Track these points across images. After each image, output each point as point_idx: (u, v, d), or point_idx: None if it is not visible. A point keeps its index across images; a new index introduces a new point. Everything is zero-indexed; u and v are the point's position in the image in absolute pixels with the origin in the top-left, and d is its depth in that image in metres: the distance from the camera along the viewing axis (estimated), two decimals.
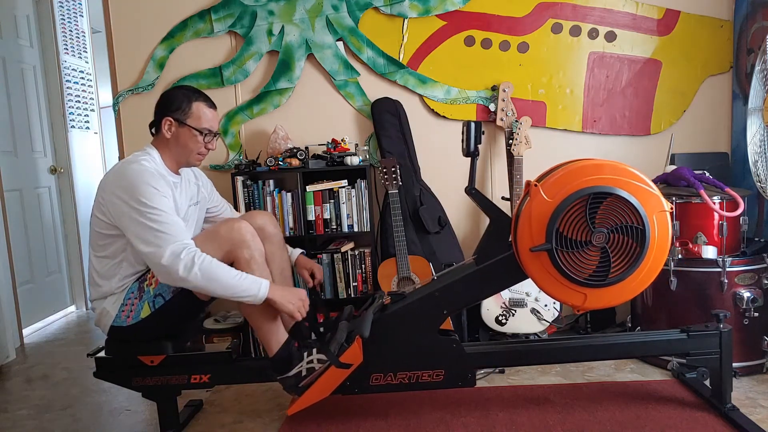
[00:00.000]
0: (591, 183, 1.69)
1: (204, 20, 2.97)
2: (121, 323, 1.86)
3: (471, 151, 1.98)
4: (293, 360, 1.88)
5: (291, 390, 1.91)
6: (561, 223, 1.70)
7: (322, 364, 1.87)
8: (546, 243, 1.70)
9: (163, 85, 3.03)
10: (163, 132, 1.91)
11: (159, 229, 1.72)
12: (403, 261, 2.64)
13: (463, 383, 1.95)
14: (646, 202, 1.69)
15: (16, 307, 3.27)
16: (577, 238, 1.71)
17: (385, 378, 1.95)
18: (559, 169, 1.75)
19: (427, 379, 1.94)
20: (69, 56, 3.99)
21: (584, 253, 1.71)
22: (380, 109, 2.90)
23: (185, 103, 1.90)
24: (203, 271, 1.71)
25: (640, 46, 2.86)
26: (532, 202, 1.73)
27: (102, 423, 2.25)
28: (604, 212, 1.69)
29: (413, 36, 2.91)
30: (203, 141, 1.93)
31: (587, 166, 1.72)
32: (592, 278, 1.72)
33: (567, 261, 1.71)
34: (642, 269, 1.71)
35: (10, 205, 3.36)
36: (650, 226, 1.68)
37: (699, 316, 2.22)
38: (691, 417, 1.95)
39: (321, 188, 2.76)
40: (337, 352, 1.86)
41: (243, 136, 3.05)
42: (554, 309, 2.62)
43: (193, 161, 1.97)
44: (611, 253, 1.71)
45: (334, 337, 1.87)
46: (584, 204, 1.69)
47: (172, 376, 1.96)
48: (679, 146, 2.87)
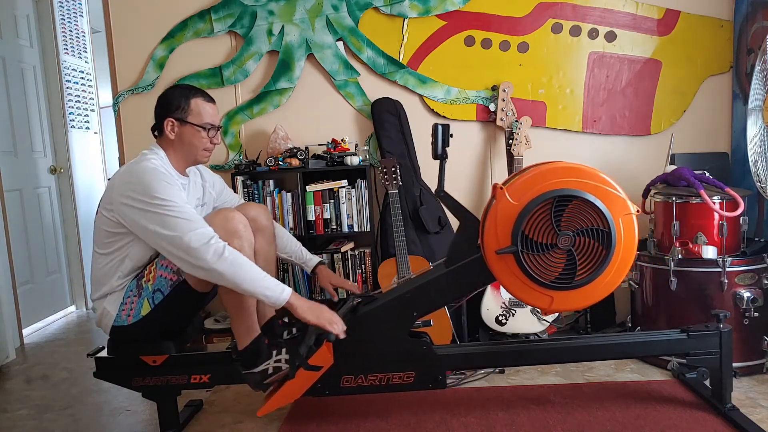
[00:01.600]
0: (556, 186, 1.69)
1: (204, 20, 2.97)
2: (122, 323, 1.86)
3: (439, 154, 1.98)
4: (261, 356, 1.87)
5: (256, 386, 1.89)
6: (526, 225, 1.70)
7: (289, 365, 1.86)
8: (511, 245, 1.71)
9: (163, 85, 3.03)
10: (166, 134, 1.90)
11: (181, 217, 1.72)
12: (403, 261, 2.64)
13: (434, 385, 1.94)
14: (612, 205, 1.69)
15: (16, 307, 3.27)
16: (543, 240, 1.71)
17: (356, 380, 1.94)
18: (525, 172, 1.76)
19: (397, 381, 1.94)
20: (69, 56, 3.99)
21: (550, 255, 1.72)
22: (380, 109, 2.90)
23: (184, 101, 1.90)
24: (232, 259, 1.70)
25: (640, 46, 2.86)
26: (498, 205, 1.74)
27: (102, 423, 2.25)
28: (570, 215, 1.70)
29: (413, 36, 2.91)
30: (208, 136, 1.93)
31: (552, 169, 1.72)
32: (558, 281, 1.72)
33: (533, 263, 1.72)
34: (608, 272, 1.71)
35: (10, 205, 3.36)
36: (616, 229, 1.69)
37: (699, 316, 2.22)
38: (691, 417, 1.95)
39: (321, 188, 2.76)
40: (305, 355, 1.85)
41: (243, 136, 3.05)
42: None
43: (200, 158, 1.97)
44: (577, 256, 1.71)
45: (303, 339, 1.86)
46: (549, 207, 1.69)
47: (172, 376, 1.96)
48: (679, 146, 2.87)
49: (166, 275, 1.84)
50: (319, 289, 2.78)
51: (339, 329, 1.82)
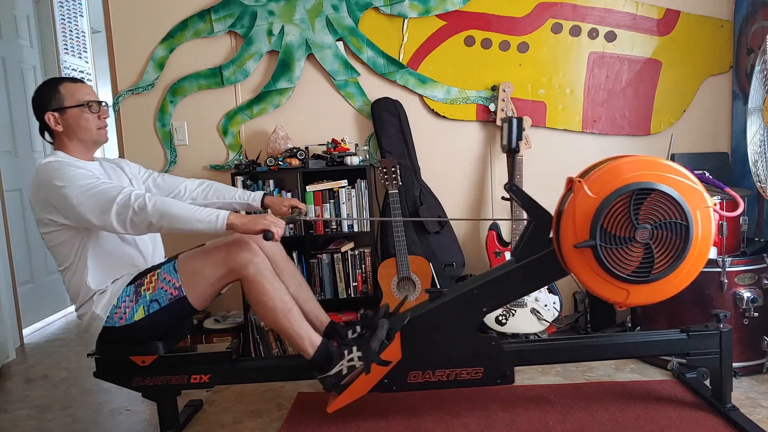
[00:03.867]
0: (635, 179, 1.68)
1: (204, 20, 2.97)
2: (113, 324, 1.85)
3: (513, 148, 1.95)
4: (333, 359, 1.86)
5: (332, 388, 1.89)
6: (605, 219, 1.70)
7: (363, 362, 1.85)
8: (590, 239, 1.70)
9: (163, 84, 3.03)
10: (54, 129, 1.88)
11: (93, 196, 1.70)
12: (403, 261, 2.64)
13: (502, 381, 1.95)
14: (690, 198, 1.68)
15: (16, 307, 3.27)
16: (621, 234, 1.70)
17: (423, 375, 1.94)
18: (603, 165, 1.75)
19: (465, 377, 1.94)
20: (69, 56, 3.99)
21: (628, 249, 1.71)
22: (380, 109, 2.90)
23: (53, 92, 1.88)
24: (155, 210, 1.68)
25: (640, 46, 2.86)
26: (576, 199, 1.73)
27: (102, 423, 2.25)
28: (648, 208, 1.69)
29: (413, 36, 2.91)
30: (92, 112, 1.91)
31: (631, 162, 1.71)
32: (635, 274, 1.72)
33: (610, 257, 1.71)
34: (685, 265, 1.71)
35: (10, 205, 3.36)
36: (694, 222, 1.68)
37: (699, 316, 2.22)
38: (691, 417, 1.95)
39: (321, 188, 2.76)
40: (378, 349, 1.85)
41: (243, 136, 3.05)
42: (554, 309, 2.62)
43: (98, 137, 1.94)
44: (655, 250, 1.70)
45: (375, 334, 1.86)
46: (628, 200, 1.68)
47: (172, 376, 1.96)
48: (679, 146, 2.87)
49: (166, 288, 1.84)
50: (319, 288, 2.79)
51: (279, 229, 1.77)
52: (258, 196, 2.15)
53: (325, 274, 2.78)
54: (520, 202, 1.93)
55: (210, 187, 2.17)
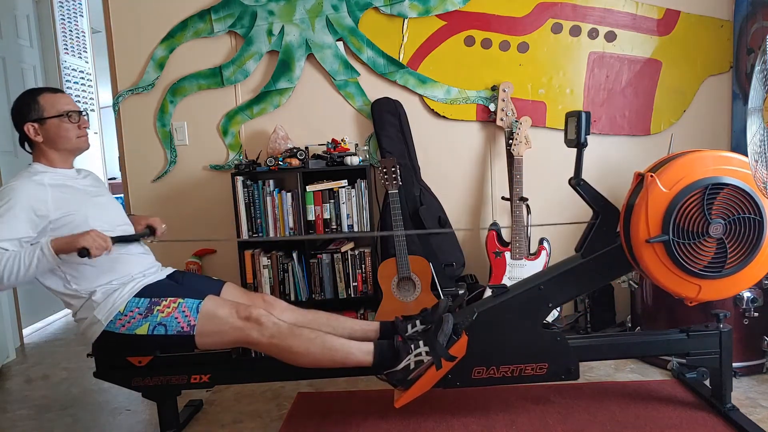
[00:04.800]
0: (708, 173, 1.69)
1: (204, 20, 2.97)
2: (114, 329, 1.84)
3: (581, 142, 1.94)
4: (400, 354, 1.85)
5: (399, 384, 1.87)
6: (678, 213, 1.70)
7: (431, 357, 1.84)
8: (663, 234, 1.70)
9: (164, 85, 3.03)
10: (34, 140, 1.89)
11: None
12: (403, 261, 2.64)
13: (567, 376, 1.95)
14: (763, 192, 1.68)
15: (16, 307, 3.27)
16: (694, 229, 1.70)
17: (488, 371, 1.94)
18: (674, 160, 1.75)
19: (530, 373, 1.94)
20: (69, 56, 3.99)
21: (701, 244, 1.71)
22: (380, 109, 2.90)
23: (32, 103, 1.89)
24: None
25: (640, 46, 2.86)
26: (648, 193, 1.72)
27: (102, 423, 2.25)
28: (721, 203, 1.69)
29: (413, 36, 2.91)
30: (73, 122, 1.91)
31: (703, 157, 1.72)
32: (707, 269, 1.72)
33: (683, 252, 1.71)
34: (758, 260, 1.71)
35: None
36: (767, 216, 1.68)
37: (699, 316, 2.22)
38: (691, 417, 1.95)
39: (321, 188, 2.76)
40: (447, 344, 1.85)
41: (243, 136, 3.05)
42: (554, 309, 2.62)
43: (79, 145, 1.96)
44: (728, 244, 1.70)
45: (441, 329, 1.85)
46: (701, 195, 1.68)
47: (172, 376, 1.96)
48: (679, 146, 2.86)
49: (180, 321, 1.84)
50: (319, 288, 2.79)
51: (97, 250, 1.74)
52: None
53: (325, 274, 2.78)
54: (587, 196, 1.93)
55: None
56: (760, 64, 2.24)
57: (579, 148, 1.93)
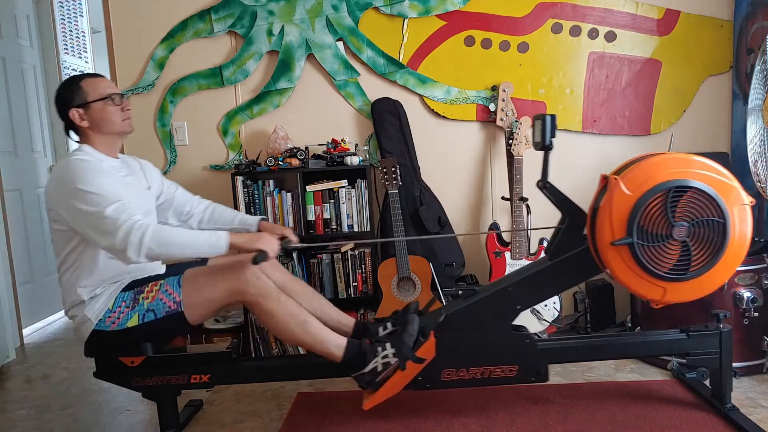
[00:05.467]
0: (671, 176, 1.68)
1: (204, 20, 2.97)
2: (104, 328, 1.84)
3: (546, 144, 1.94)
4: (367, 356, 1.85)
5: (367, 386, 1.88)
6: (642, 216, 1.69)
7: (398, 359, 1.85)
8: (627, 236, 1.70)
9: (163, 84, 3.03)
10: (79, 125, 1.89)
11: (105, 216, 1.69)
12: (403, 261, 2.64)
13: (536, 378, 1.95)
14: (727, 196, 1.68)
15: (16, 307, 3.27)
16: (658, 231, 1.70)
17: (458, 373, 1.94)
18: (638, 163, 1.75)
19: (500, 375, 1.94)
20: (69, 56, 3.99)
21: (665, 246, 1.71)
22: (380, 109, 2.90)
23: (75, 88, 1.88)
24: (156, 242, 1.69)
25: (640, 46, 2.86)
26: (612, 196, 1.72)
27: (102, 423, 2.25)
28: (685, 205, 1.69)
29: (413, 36, 2.91)
30: (116, 104, 1.91)
31: (667, 159, 1.71)
32: (672, 272, 1.72)
33: (647, 255, 1.71)
34: (722, 263, 1.71)
35: (10, 205, 3.36)
36: (731, 219, 1.68)
37: (699, 316, 2.22)
38: (691, 417, 1.95)
39: (321, 188, 2.76)
40: (413, 346, 1.85)
41: (243, 136, 3.05)
42: (554, 309, 2.62)
43: (123, 128, 1.94)
44: (692, 247, 1.70)
45: (407, 331, 1.86)
46: (665, 197, 1.68)
47: (172, 376, 1.96)
48: (679, 146, 2.87)
49: (166, 301, 1.83)
50: (319, 288, 2.79)
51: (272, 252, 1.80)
52: (255, 222, 2.16)
53: (325, 274, 2.78)
54: (553, 199, 1.92)
55: (213, 210, 2.19)
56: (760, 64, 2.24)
57: (545, 150, 1.94)
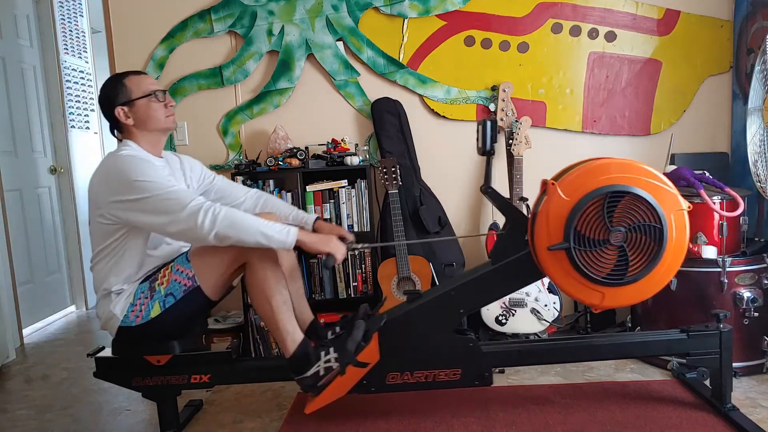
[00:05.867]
0: (608, 182, 1.69)
1: (204, 20, 2.97)
2: (130, 323, 1.84)
3: (487, 150, 1.96)
4: (311, 360, 1.86)
5: (309, 390, 1.89)
6: (579, 221, 1.69)
7: (340, 363, 1.85)
8: (564, 242, 1.70)
9: (163, 84, 3.03)
10: (124, 123, 1.89)
11: (167, 197, 1.71)
12: (403, 261, 2.64)
13: (480, 382, 1.95)
14: (664, 201, 1.68)
15: (16, 307, 3.27)
16: (595, 236, 1.70)
17: (402, 377, 1.94)
18: (576, 168, 1.75)
19: (444, 378, 1.94)
20: (69, 56, 3.99)
21: (602, 251, 1.71)
22: (380, 109, 2.90)
23: (119, 86, 1.89)
24: (229, 221, 1.70)
25: (640, 46, 2.86)
26: (550, 201, 1.73)
27: (102, 423, 2.25)
28: (622, 211, 1.69)
29: (413, 36, 2.91)
30: (160, 101, 1.92)
31: (604, 165, 1.71)
32: (609, 277, 1.72)
33: (585, 260, 1.71)
34: (660, 268, 1.71)
35: (10, 205, 3.36)
36: (668, 224, 1.68)
37: (699, 316, 2.22)
38: (691, 417, 1.95)
39: (321, 188, 2.76)
40: (354, 351, 1.85)
41: (243, 136, 3.05)
42: (554, 309, 2.62)
43: (168, 124, 1.95)
44: (629, 252, 1.70)
45: (351, 335, 1.86)
46: (602, 202, 1.68)
47: (172, 376, 1.96)
48: (678, 146, 2.87)
49: (180, 280, 1.83)
50: (319, 288, 2.78)
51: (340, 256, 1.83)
52: (310, 220, 2.15)
53: (325, 274, 2.78)
54: (495, 203, 1.94)
55: (266, 201, 2.18)
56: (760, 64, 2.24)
57: (487, 155, 1.94)
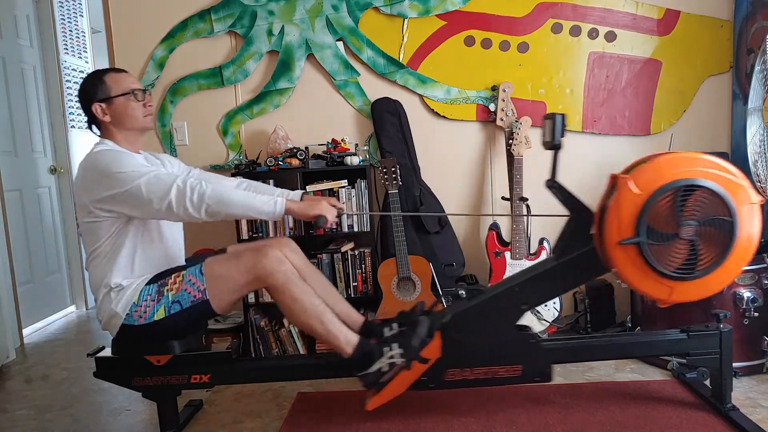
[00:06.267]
0: (680, 175, 1.68)
1: (204, 20, 2.97)
2: (132, 323, 1.84)
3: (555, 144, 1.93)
4: (374, 356, 1.85)
5: (371, 386, 1.88)
6: (650, 215, 1.69)
7: (404, 359, 1.84)
8: (635, 236, 1.69)
9: (163, 84, 3.03)
10: (101, 120, 1.89)
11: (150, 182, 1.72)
12: (403, 261, 2.64)
13: (541, 378, 1.95)
14: (735, 194, 1.67)
15: (16, 307, 3.27)
16: (665, 230, 1.69)
17: (462, 373, 1.94)
18: (646, 162, 1.74)
19: (504, 375, 1.94)
20: (69, 56, 3.99)
21: (672, 246, 1.70)
22: (380, 109, 2.90)
23: (98, 83, 1.89)
24: (215, 199, 1.72)
25: (640, 46, 2.86)
26: (621, 195, 1.72)
27: (102, 423, 2.25)
28: (693, 205, 1.68)
29: (413, 36, 2.91)
30: (138, 100, 1.92)
31: (676, 158, 1.71)
32: (679, 271, 1.71)
33: (655, 254, 1.70)
34: (730, 262, 1.69)
35: (10, 205, 3.36)
36: (738, 218, 1.67)
37: (699, 316, 2.22)
38: (691, 417, 1.95)
39: (321, 188, 2.76)
40: (419, 346, 1.85)
41: (243, 136, 3.05)
42: (554, 309, 2.62)
43: (145, 124, 1.95)
44: (699, 246, 1.69)
45: (415, 331, 1.85)
46: (673, 197, 1.68)
47: (172, 376, 1.96)
48: (679, 146, 2.86)
49: (190, 291, 1.83)
50: None
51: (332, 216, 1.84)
52: (298, 195, 2.14)
53: (325, 273, 2.77)
54: (561, 198, 1.92)
55: (249, 185, 2.17)
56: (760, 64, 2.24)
57: (554, 150, 1.94)
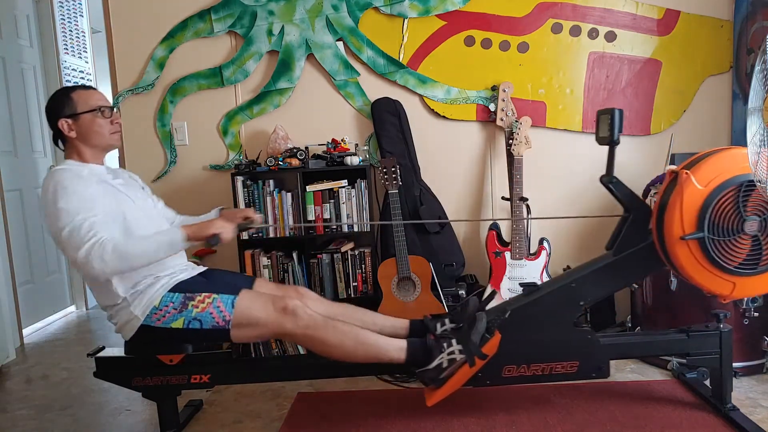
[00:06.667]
0: (743, 171, 1.68)
1: (204, 20, 2.97)
2: (150, 323, 1.84)
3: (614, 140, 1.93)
4: (433, 352, 1.85)
5: (431, 382, 1.87)
6: (713, 211, 1.69)
7: (464, 355, 1.84)
8: (698, 231, 1.69)
9: (163, 84, 3.03)
10: (67, 136, 1.89)
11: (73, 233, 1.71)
12: (403, 261, 2.64)
13: (597, 374, 1.95)
14: None
15: (16, 307, 3.27)
16: (729, 226, 1.70)
17: (518, 369, 1.94)
18: (708, 157, 1.75)
19: (560, 371, 1.94)
20: (69, 56, 3.99)
21: (736, 241, 1.71)
22: (380, 109, 2.90)
23: (66, 99, 1.89)
24: (116, 256, 1.70)
25: (640, 46, 2.86)
26: (683, 190, 1.72)
27: (102, 423, 2.25)
28: (756, 200, 1.69)
29: (413, 36, 2.91)
30: (105, 117, 1.92)
31: (738, 154, 1.72)
32: (742, 266, 1.72)
33: (718, 249, 1.71)
34: None
35: (10, 205, 3.36)
36: None
37: (699, 316, 2.22)
38: (691, 417, 1.95)
39: (321, 188, 2.76)
40: (479, 342, 1.85)
41: (243, 136, 3.05)
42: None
43: (111, 141, 1.95)
44: (763, 241, 1.70)
45: (475, 327, 1.85)
46: (736, 192, 1.68)
47: (172, 376, 1.96)
48: (679, 146, 2.87)
49: (215, 316, 1.84)
50: (319, 288, 2.79)
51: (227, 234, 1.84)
52: (215, 212, 2.18)
53: (325, 274, 2.78)
54: (619, 194, 1.92)
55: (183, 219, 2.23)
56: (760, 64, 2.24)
57: (611, 146, 1.93)
